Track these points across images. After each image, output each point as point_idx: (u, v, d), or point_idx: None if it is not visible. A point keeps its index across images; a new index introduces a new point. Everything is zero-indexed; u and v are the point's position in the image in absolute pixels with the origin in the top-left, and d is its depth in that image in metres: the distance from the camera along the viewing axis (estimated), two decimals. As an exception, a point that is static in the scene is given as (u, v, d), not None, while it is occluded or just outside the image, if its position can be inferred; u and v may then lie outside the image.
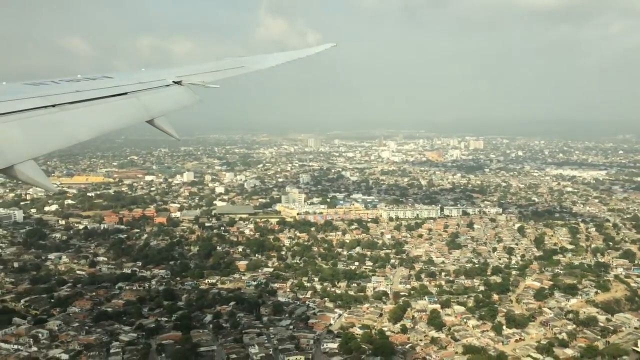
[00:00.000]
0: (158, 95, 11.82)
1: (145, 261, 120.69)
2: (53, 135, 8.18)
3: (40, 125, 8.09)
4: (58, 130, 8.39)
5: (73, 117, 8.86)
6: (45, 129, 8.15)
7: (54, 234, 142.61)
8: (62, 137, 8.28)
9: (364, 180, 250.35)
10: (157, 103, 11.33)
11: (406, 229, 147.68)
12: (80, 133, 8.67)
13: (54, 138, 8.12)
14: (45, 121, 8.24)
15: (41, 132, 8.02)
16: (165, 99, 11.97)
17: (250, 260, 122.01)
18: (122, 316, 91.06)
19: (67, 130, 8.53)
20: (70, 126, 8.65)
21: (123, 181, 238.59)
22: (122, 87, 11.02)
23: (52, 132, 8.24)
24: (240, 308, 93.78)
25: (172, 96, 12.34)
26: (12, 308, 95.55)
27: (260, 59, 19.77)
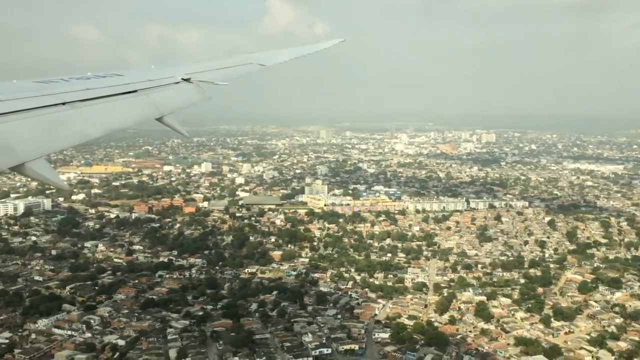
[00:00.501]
0: (167, 93, 11.95)
1: (181, 250, 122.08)
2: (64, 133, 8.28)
3: (50, 123, 8.15)
4: (68, 128, 8.46)
5: (83, 115, 8.93)
6: (55, 126, 8.21)
7: (86, 222, 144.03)
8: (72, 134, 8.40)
9: (382, 172, 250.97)
10: (167, 101, 11.47)
11: (434, 221, 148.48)
12: (91, 130, 8.74)
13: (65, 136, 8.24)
14: (55, 119, 8.29)
15: (52, 130, 8.08)
16: (175, 97, 12.09)
17: (284, 250, 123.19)
18: (169, 304, 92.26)
19: (78, 128, 8.63)
20: (80, 124, 8.73)
21: (142, 171, 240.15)
22: (131, 84, 11.16)
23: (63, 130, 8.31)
24: (284, 297, 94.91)
25: (181, 94, 12.48)
26: (59, 295, 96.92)
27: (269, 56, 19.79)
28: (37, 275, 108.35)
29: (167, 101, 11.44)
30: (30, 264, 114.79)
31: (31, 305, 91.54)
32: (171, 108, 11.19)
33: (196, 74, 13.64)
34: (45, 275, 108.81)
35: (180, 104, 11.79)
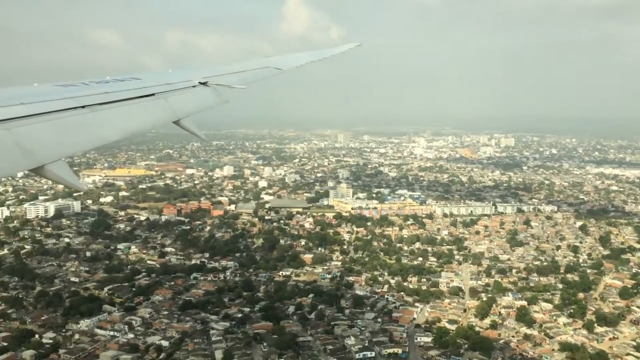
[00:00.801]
0: (184, 96, 12.02)
1: (212, 252, 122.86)
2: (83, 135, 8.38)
3: (70, 126, 8.23)
4: (88, 130, 8.56)
5: (102, 118, 9.01)
6: (75, 129, 8.30)
7: (117, 224, 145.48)
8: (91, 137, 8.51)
9: (403, 176, 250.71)
10: (184, 104, 11.53)
11: (462, 225, 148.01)
12: (109, 133, 8.86)
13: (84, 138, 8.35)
14: (75, 122, 8.38)
15: (71, 133, 8.17)
16: (192, 100, 12.17)
17: (314, 253, 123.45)
18: (207, 306, 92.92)
19: (97, 131, 8.72)
20: (99, 127, 8.83)
21: (165, 174, 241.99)
22: (149, 88, 11.23)
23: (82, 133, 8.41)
24: (320, 300, 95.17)
25: (198, 97, 12.55)
26: (98, 296, 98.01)
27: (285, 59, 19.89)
28: (73, 277, 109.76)
29: (185, 104, 11.56)
30: (65, 265, 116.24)
31: (71, 306, 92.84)
32: (188, 111, 11.30)
33: (213, 78, 13.74)
34: (81, 276, 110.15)
35: (197, 107, 11.91)
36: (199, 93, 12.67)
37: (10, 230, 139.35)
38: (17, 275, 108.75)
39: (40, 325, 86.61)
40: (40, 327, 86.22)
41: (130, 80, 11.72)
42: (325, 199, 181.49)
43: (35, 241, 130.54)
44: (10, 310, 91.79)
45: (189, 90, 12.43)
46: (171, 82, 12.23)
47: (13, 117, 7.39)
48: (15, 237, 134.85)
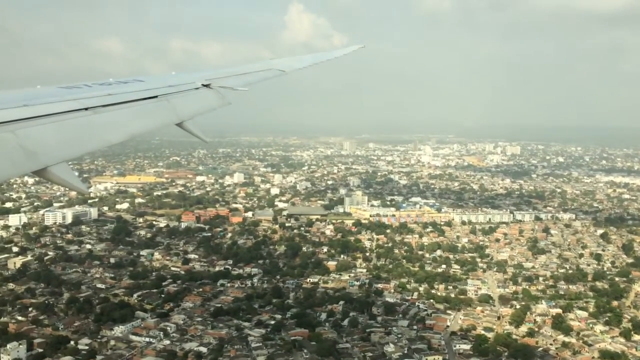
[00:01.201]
0: (187, 99, 11.97)
1: (236, 259, 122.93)
2: (86, 137, 8.38)
3: (73, 128, 8.24)
4: (91, 132, 8.57)
5: (105, 120, 9.03)
6: (78, 131, 8.30)
7: (137, 231, 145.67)
8: (94, 139, 8.50)
9: (414, 183, 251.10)
10: (187, 106, 11.51)
11: (481, 233, 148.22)
12: (112, 135, 8.85)
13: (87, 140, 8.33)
14: (78, 124, 8.39)
15: (74, 135, 8.17)
16: (194, 102, 12.15)
17: (338, 260, 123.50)
18: (238, 312, 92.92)
19: (100, 133, 8.72)
20: (102, 129, 8.84)
21: (175, 181, 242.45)
22: (152, 90, 11.22)
23: (85, 135, 8.42)
24: (350, 307, 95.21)
25: (201, 99, 12.53)
26: (127, 302, 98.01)
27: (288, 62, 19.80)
28: (99, 283, 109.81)
29: (187, 107, 11.55)
30: (89, 272, 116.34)
31: (102, 312, 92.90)
32: (191, 113, 11.29)
33: (216, 80, 13.73)
34: (107, 283, 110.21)
35: (200, 109, 11.89)
36: (201, 95, 12.71)
37: (31, 237, 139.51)
38: (43, 281, 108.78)
39: (74, 332, 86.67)
40: (74, 333, 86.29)
41: (133, 82, 11.80)
42: (339, 206, 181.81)
43: (57, 247, 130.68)
44: (42, 317, 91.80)
45: (192, 93, 12.46)
46: (174, 85, 12.25)
47: (16, 119, 7.40)
48: (37, 243, 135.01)
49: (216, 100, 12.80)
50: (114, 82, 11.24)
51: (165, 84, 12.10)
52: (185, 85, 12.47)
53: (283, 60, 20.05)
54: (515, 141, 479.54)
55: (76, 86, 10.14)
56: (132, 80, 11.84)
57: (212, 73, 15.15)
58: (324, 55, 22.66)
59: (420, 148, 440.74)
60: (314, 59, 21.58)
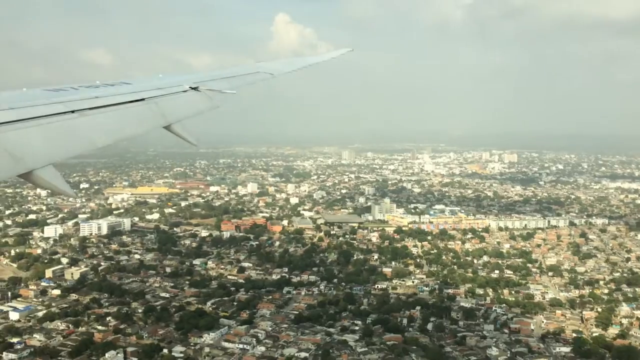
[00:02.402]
0: (175, 101, 11.93)
1: (290, 267, 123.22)
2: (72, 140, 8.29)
3: (59, 131, 8.16)
4: (77, 135, 8.49)
5: (92, 123, 8.96)
6: (64, 134, 8.22)
7: (181, 240, 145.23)
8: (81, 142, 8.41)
9: (428, 191, 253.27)
10: (174, 109, 11.46)
11: (521, 239, 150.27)
12: (99, 138, 8.77)
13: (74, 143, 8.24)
14: (64, 127, 8.31)
15: (60, 138, 8.09)
16: (182, 105, 12.09)
17: (390, 267, 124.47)
18: (319, 318, 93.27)
19: (86, 136, 8.64)
20: (89, 132, 8.76)
21: (189, 192, 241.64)
22: (139, 93, 11.16)
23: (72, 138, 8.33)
24: (427, 312, 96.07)
25: (189, 102, 12.44)
26: (204, 310, 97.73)
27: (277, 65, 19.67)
28: (162, 292, 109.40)
29: (175, 109, 11.49)
30: (148, 281, 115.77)
31: (181, 320, 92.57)
32: (179, 116, 11.24)
33: (204, 83, 13.67)
34: (169, 291, 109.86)
35: (188, 112, 11.84)
36: (190, 98, 12.61)
37: (75, 248, 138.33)
38: (105, 291, 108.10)
39: (160, 340, 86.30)
40: (160, 341, 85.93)
41: (120, 85, 11.67)
42: (367, 214, 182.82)
43: (107, 258, 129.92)
44: (122, 326, 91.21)
45: (180, 95, 12.38)
46: (162, 87, 12.18)
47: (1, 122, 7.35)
48: (84, 254, 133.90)
49: (204, 103, 12.74)
50: (100, 85, 11.27)
51: (152, 86, 12.08)
52: (173, 88, 12.43)
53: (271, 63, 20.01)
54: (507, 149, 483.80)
55: (62, 89, 10.07)
56: (119, 83, 11.81)
57: (200, 76, 15.25)
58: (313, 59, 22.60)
59: (418, 157, 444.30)
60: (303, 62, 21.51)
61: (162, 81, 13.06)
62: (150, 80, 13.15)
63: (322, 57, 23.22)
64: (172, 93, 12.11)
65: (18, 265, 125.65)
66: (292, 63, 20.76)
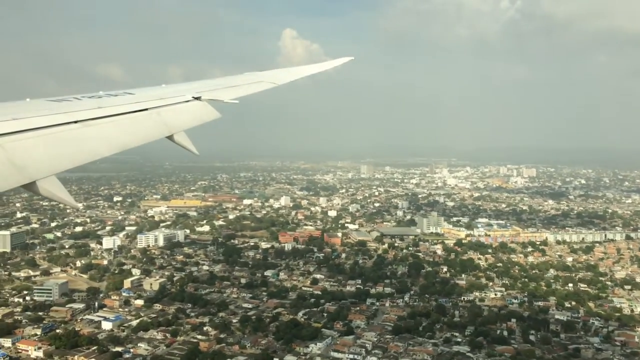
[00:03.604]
0: (178, 111, 11.85)
1: (363, 279, 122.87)
2: (75, 150, 8.25)
3: (62, 141, 8.15)
4: (80, 145, 8.46)
5: (95, 133, 8.94)
6: (67, 144, 8.20)
7: (244, 252, 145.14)
8: (84, 152, 8.36)
9: (462, 204, 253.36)
10: (177, 118, 11.41)
11: (582, 252, 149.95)
12: (102, 149, 8.72)
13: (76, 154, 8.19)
14: (67, 137, 8.31)
15: (63, 148, 8.07)
16: (185, 115, 11.99)
17: (462, 279, 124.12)
18: (415, 330, 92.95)
19: (90, 146, 8.61)
20: (92, 142, 8.74)
21: (222, 205, 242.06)
22: (142, 102, 11.15)
23: (75, 148, 8.30)
24: (523, 325, 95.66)
25: (191, 112, 12.32)
26: (298, 321, 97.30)
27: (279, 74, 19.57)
28: (243, 303, 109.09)
29: (178, 119, 11.44)
30: (225, 292, 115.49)
31: (278, 330, 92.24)
32: (181, 126, 11.16)
33: (206, 92, 13.58)
34: (250, 302, 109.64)
35: (190, 121, 11.73)
36: (192, 108, 12.50)
37: (141, 259, 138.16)
38: (187, 302, 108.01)
39: (263, 350, 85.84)
40: (264, 351, 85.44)
41: (123, 95, 11.70)
42: (412, 227, 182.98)
43: (176, 269, 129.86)
44: (221, 336, 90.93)
45: (183, 105, 12.30)
46: (164, 97, 12.15)
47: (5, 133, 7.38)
48: (151, 264, 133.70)
49: (207, 113, 12.63)
50: (103, 95, 11.24)
51: (155, 96, 12.07)
52: (175, 98, 12.37)
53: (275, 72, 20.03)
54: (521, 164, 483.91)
55: (65, 99, 10.09)
56: (122, 93, 11.84)
57: (202, 85, 15.26)
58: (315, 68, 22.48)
59: (437, 171, 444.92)
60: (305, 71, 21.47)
61: (164, 91, 13.08)
62: (153, 90, 13.19)
63: (324, 66, 23.29)
64: (174, 103, 12.07)
65: (89, 276, 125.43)
66: (295, 72, 20.71)
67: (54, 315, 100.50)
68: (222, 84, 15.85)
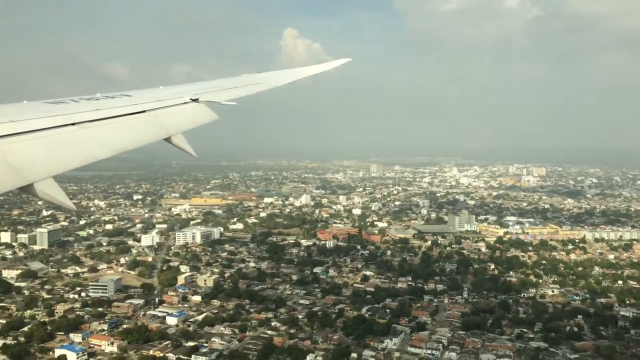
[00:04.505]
0: (175, 113, 11.83)
1: (413, 276, 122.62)
2: (73, 153, 8.26)
3: (60, 144, 8.15)
4: (78, 148, 8.45)
5: (92, 135, 8.93)
6: (65, 147, 8.22)
7: (287, 249, 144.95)
8: (81, 155, 8.33)
9: (483, 203, 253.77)
10: (174, 120, 11.38)
11: (622, 250, 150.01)
12: (100, 151, 8.70)
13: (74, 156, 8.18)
14: (65, 139, 8.31)
15: (61, 150, 8.07)
16: (183, 117, 11.95)
17: (510, 276, 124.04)
18: (482, 326, 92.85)
19: (87, 148, 8.59)
20: (89, 144, 8.72)
21: (243, 203, 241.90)
22: (140, 105, 11.10)
23: (72, 150, 8.30)
24: (589, 321, 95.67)
25: (189, 113, 12.29)
26: (364, 317, 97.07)
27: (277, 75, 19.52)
28: (300, 299, 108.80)
29: (175, 121, 11.39)
30: (278, 288, 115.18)
31: (345, 326, 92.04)
32: (179, 128, 11.09)
33: (204, 94, 13.53)
34: (306, 298, 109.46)
35: (188, 123, 11.68)
36: (190, 109, 12.48)
37: (185, 256, 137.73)
38: (244, 298, 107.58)
39: (336, 345, 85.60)
40: (337, 346, 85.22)
41: (121, 97, 11.66)
42: (441, 225, 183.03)
43: (224, 266, 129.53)
44: (291, 331, 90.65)
45: (180, 107, 12.27)
46: (162, 99, 12.12)
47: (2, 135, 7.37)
48: (197, 261, 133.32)
49: (205, 114, 12.61)
50: (101, 97, 11.19)
51: (152, 98, 12.03)
52: (173, 100, 12.34)
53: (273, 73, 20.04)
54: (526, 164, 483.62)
55: (63, 101, 10.06)
56: (119, 95, 11.81)
57: (200, 87, 15.21)
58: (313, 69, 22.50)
59: (446, 170, 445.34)
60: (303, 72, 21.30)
61: (162, 93, 13.06)
62: (151, 92, 13.17)
63: (322, 67, 23.36)
64: (172, 105, 12.04)
65: (138, 272, 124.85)
66: (293, 74, 20.60)
67: (115, 310, 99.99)
68: (219, 85, 15.79)
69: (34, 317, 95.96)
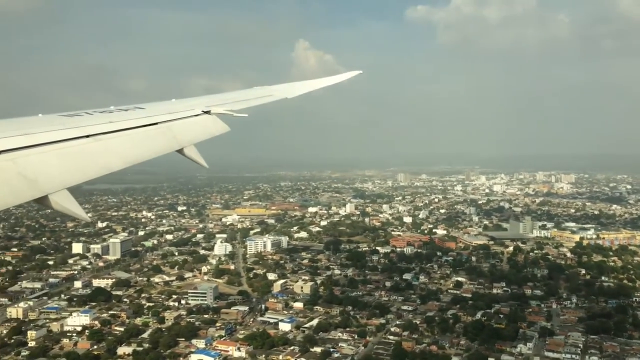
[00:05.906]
0: (187, 125, 12.01)
1: (506, 282, 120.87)
2: (87, 165, 8.34)
3: (74, 155, 8.24)
4: (92, 160, 8.56)
5: (106, 147, 9.05)
6: (79, 159, 8.30)
7: (366, 257, 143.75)
8: (95, 166, 8.44)
9: (530, 210, 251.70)
10: (187, 132, 11.55)
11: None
12: (114, 163, 8.80)
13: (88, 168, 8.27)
14: (79, 151, 8.41)
15: (75, 162, 8.15)
16: (195, 128, 12.11)
17: (605, 281, 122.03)
18: (609, 330, 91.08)
19: (101, 160, 8.70)
20: (103, 156, 8.83)
21: (287, 212, 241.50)
22: (152, 117, 11.27)
23: (86, 162, 8.39)
24: None
25: (201, 125, 12.44)
26: (481, 322, 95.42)
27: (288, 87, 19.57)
28: (402, 305, 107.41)
29: (187, 133, 11.55)
30: (374, 294, 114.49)
31: (465, 331, 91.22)
32: (191, 140, 11.28)
33: (216, 106, 13.65)
34: (407, 304, 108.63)
35: (200, 135, 11.85)
36: (202, 121, 12.62)
37: (267, 264, 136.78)
38: (346, 305, 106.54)
39: (465, 350, 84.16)
40: (465, 351, 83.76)
41: (134, 109, 11.74)
42: (501, 231, 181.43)
43: (311, 273, 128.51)
44: (413, 336, 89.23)
45: (192, 119, 12.43)
46: (174, 111, 12.28)
47: (17, 147, 7.39)
48: (283, 269, 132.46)
49: (216, 126, 12.75)
50: (115, 110, 11.29)
51: (165, 110, 12.16)
52: (185, 112, 12.49)
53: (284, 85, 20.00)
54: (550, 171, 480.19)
55: (77, 114, 10.12)
56: (132, 108, 11.87)
57: (211, 99, 15.19)
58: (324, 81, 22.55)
59: (472, 178, 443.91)
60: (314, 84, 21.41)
61: (174, 105, 13.18)
62: (163, 105, 13.28)
63: (333, 80, 23.20)
64: (184, 117, 12.14)
65: (227, 280, 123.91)
66: (304, 86, 20.59)
67: (224, 317, 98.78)
68: (231, 98, 15.80)
69: (146, 324, 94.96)
